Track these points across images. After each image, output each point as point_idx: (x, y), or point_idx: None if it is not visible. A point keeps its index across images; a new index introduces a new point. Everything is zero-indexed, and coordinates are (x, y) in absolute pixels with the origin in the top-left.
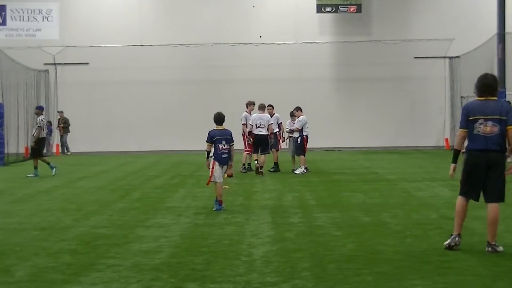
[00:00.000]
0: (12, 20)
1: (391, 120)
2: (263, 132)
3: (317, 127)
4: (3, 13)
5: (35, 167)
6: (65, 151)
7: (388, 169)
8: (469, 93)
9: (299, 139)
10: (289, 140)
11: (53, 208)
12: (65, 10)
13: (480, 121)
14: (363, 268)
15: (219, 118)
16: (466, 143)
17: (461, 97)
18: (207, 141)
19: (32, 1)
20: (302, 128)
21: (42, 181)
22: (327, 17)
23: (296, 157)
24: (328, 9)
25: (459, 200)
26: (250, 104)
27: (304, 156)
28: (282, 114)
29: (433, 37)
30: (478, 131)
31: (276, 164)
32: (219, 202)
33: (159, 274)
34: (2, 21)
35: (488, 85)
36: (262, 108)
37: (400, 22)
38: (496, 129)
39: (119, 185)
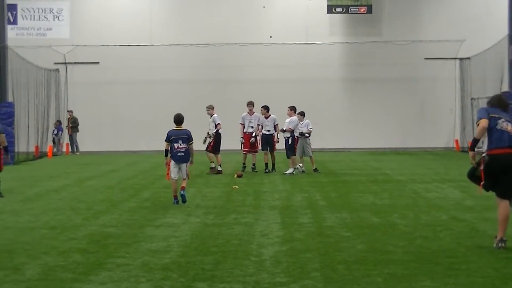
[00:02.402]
0: (23, 19)
1: (400, 121)
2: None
3: (327, 127)
4: (14, 12)
5: None
6: (75, 150)
7: (397, 170)
8: (480, 95)
9: (290, 140)
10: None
11: (63, 207)
12: (76, 10)
13: (502, 119)
14: (373, 269)
15: (177, 119)
16: (485, 145)
17: (472, 98)
18: (165, 141)
19: (43, 0)
20: (294, 129)
21: (51, 180)
22: (337, 18)
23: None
24: (338, 9)
25: (502, 204)
26: (248, 104)
27: (295, 156)
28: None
29: (443, 38)
30: (501, 127)
31: (273, 165)
32: (174, 197)
33: (169, 274)
34: (13, 20)
35: (506, 103)
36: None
37: (410, 23)
38: None
39: (129, 185)
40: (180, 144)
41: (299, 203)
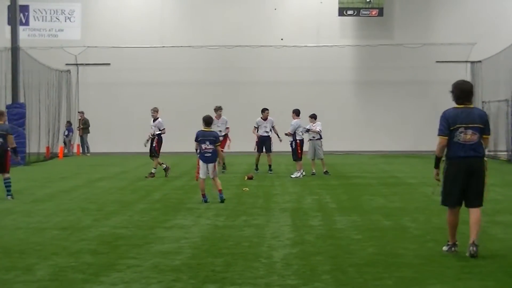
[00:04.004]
0: (35, 20)
1: (411, 124)
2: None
3: (337, 130)
4: (26, 13)
5: None
6: (85, 151)
7: (408, 173)
8: (491, 98)
9: (292, 144)
10: (309, 143)
11: (74, 208)
12: (88, 11)
13: (460, 129)
14: (383, 272)
15: (207, 121)
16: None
17: (483, 101)
18: (194, 140)
19: (55, 1)
20: (295, 132)
21: (62, 181)
22: (348, 20)
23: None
24: (350, 12)
25: (451, 213)
26: (216, 110)
27: (300, 160)
28: (302, 117)
29: (455, 41)
30: (458, 139)
31: (256, 165)
32: (202, 195)
33: (179, 275)
34: (25, 21)
35: (468, 92)
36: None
37: (422, 26)
38: (475, 137)
39: (139, 186)
40: (208, 145)
41: (309, 206)
